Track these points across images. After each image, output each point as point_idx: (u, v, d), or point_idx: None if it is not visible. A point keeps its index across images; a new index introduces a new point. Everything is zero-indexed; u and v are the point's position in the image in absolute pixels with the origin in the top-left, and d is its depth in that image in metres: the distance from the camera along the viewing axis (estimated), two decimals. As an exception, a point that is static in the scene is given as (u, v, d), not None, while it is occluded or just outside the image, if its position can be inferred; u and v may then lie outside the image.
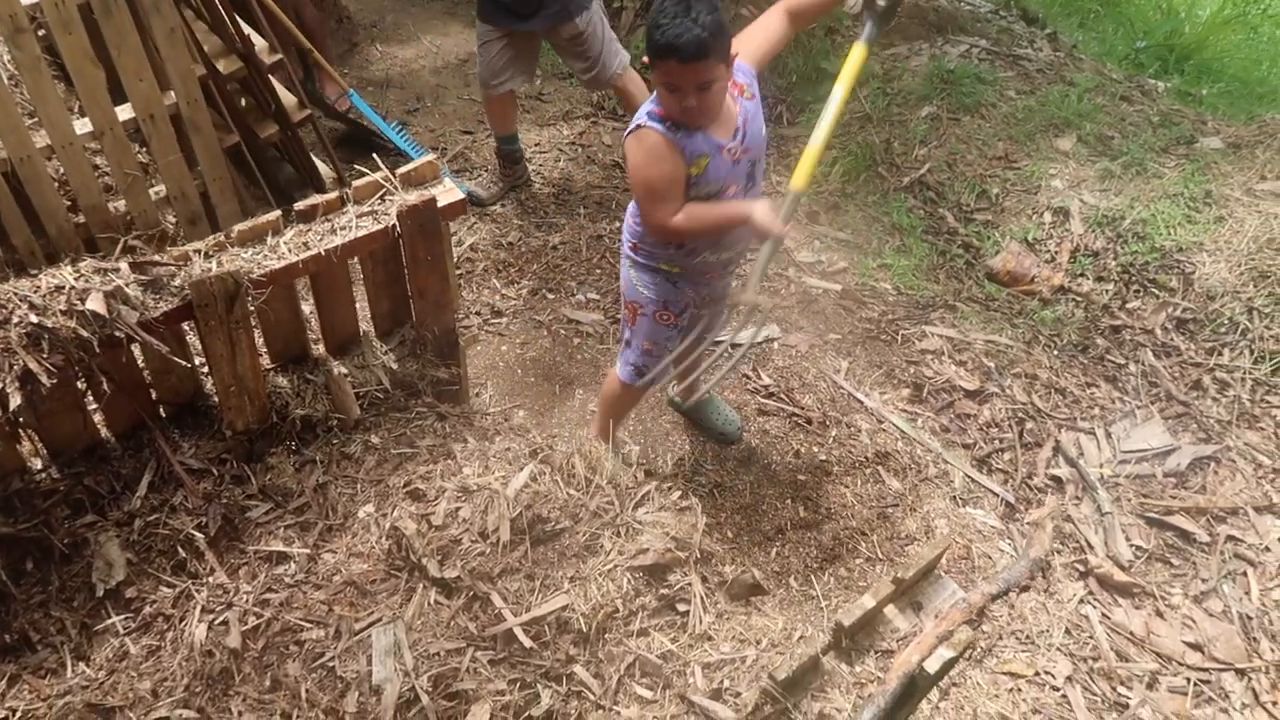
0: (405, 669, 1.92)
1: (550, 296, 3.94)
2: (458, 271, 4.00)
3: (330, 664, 1.97)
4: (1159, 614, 2.88)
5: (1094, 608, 2.86)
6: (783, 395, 3.60)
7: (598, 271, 4.06)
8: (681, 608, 2.13)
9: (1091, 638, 2.78)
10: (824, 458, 3.39)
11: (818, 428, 3.48)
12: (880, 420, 3.54)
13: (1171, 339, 3.75)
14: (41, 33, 3.17)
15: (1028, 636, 2.76)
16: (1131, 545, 3.07)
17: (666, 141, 2.31)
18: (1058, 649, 2.74)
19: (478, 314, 3.83)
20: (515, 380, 3.62)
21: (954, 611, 1.32)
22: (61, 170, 3.19)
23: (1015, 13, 6.84)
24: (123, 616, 2.03)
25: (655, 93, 2.34)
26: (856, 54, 2.56)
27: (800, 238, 4.36)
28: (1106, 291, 4.02)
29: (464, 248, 4.10)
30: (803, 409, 3.54)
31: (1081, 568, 2.96)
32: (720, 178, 2.43)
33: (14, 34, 2.81)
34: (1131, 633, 2.81)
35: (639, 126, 2.34)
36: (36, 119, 3.09)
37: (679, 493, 2.90)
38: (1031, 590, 2.73)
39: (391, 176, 2.19)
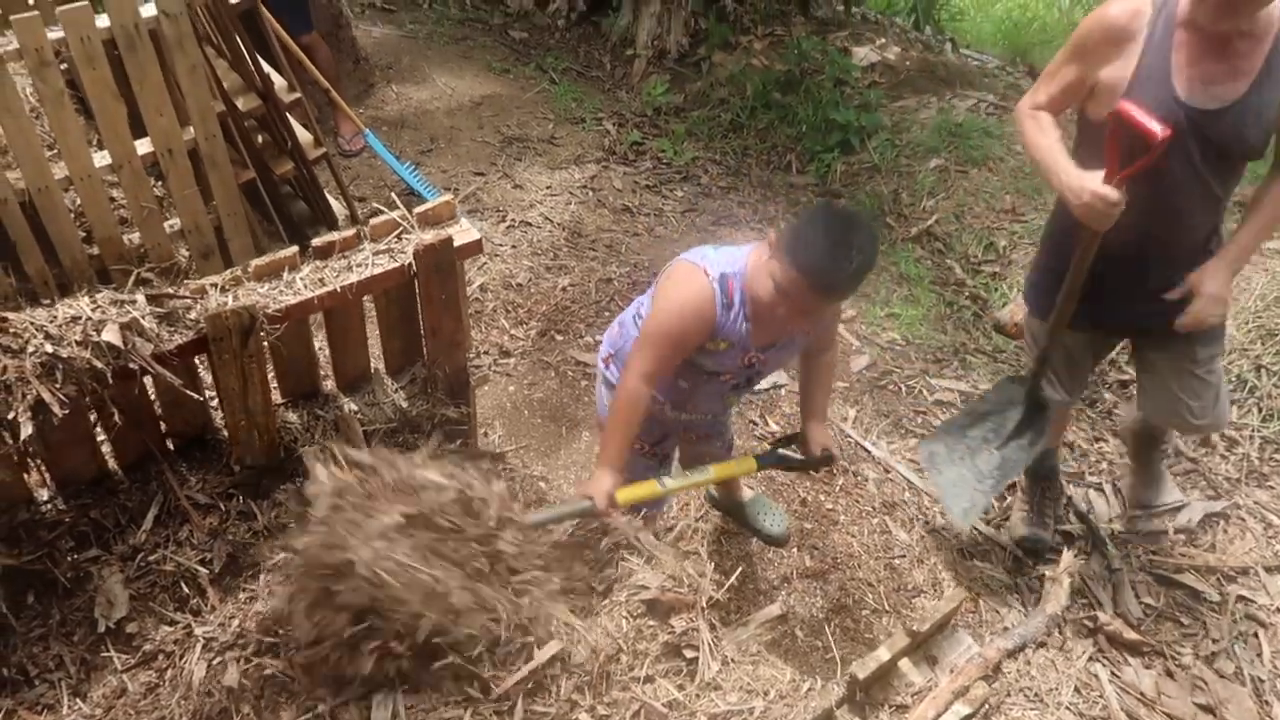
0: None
1: (559, 338, 3.95)
2: (468, 311, 4.01)
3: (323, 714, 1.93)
4: (1169, 674, 2.84)
5: (1104, 665, 2.82)
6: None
7: (606, 314, 4.06)
8: (689, 654, 2.09)
9: (1101, 697, 2.73)
10: (830, 506, 3.37)
11: (824, 476, 3.46)
12: (887, 470, 3.52)
13: (1180, 395, 3.74)
14: (64, 66, 3.21)
15: (1036, 694, 2.72)
16: (1141, 603, 3.04)
17: (712, 311, 2.18)
18: (1066, 708, 2.70)
19: (486, 354, 3.83)
20: (522, 421, 3.61)
21: (969, 666, 1.29)
22: (78, 201, 3.21)
23: (1022, 68, 6.95)
24: (122, 653, 2.00)
25: (746, 260, 2.21)
26: (745, 464, 2.55)
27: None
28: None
29: (474, 288, 4.11)
30: (810, 457, 3.52)
31: (1090, 624, 2.92)
32: (724, 366, 2.35)
33: (39, 67, 2.84)
34: (1141, 693, 2.76)
35: (706, 275, 2.18)
36: (56, 150, 3.12)
37: (684, 539, 2.88)
38: (1041, 646, 2.69)
39: (409, 215, 2.20)
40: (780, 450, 2.65)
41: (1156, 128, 2.14)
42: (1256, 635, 2.95)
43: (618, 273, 4.29)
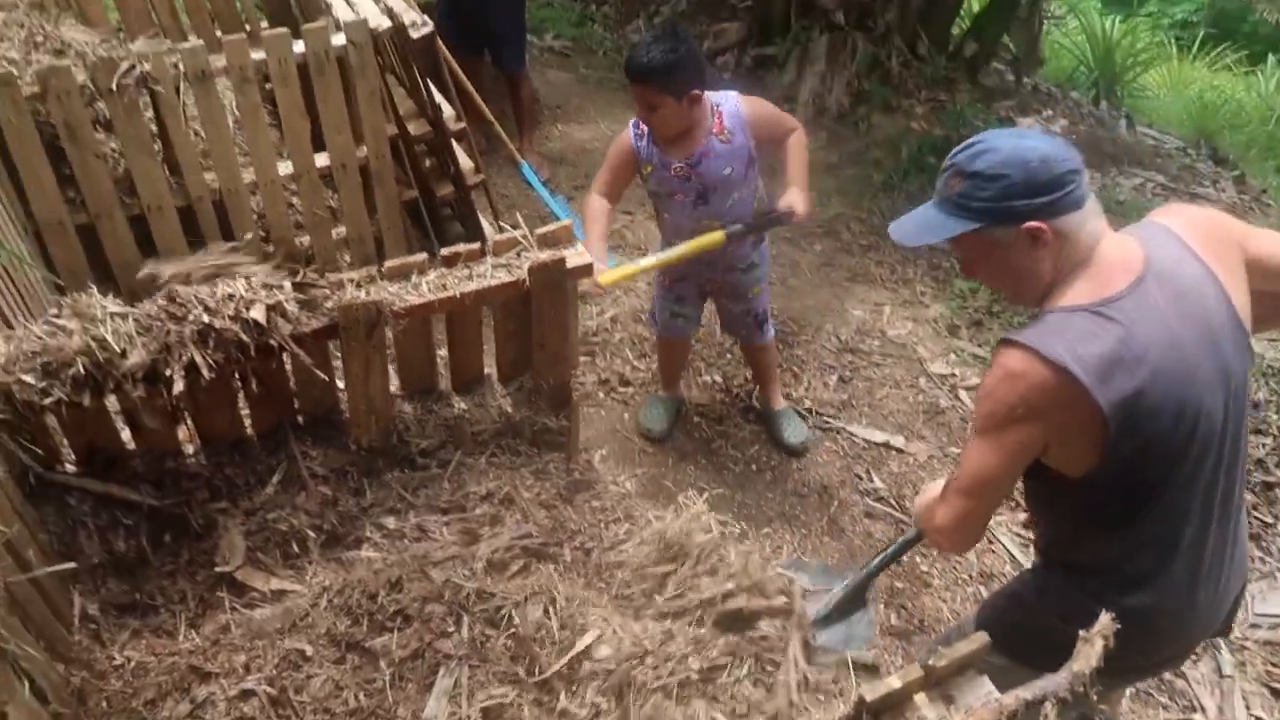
0: (459, 709, 1.98)
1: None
2: (595, 339, 4.21)
3: (403, 673, 2.10)
4: (1271, 793, 2.65)
5: (1196, 772, 2.67)
6: (892, 501, 3.57)
7: (728, 356, 4.17)
8: (770, 669, 2.06)
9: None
10: (925, 569, 3.33)
11: (926, 544, 3.41)
12: (990, 541, 3.45)
13: (1326, 503, 3.50)
14: (269, 85, 3.64)
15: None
16: (1251, 715, 2.85)
17: (629, 145, 3.08)
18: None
19: (606, 381, 4.01)
20: (631, 448, 3.75)
21: (984, 710, 1.30)
22: (261, 204, 3.61)
23: (1204, 152, 6.66)
24: (234, 596, 2.24)
25: None
26: (712, 236, 3.06)
27: (936, 349, 4.35)
28: (1264, 445, 3.80)
29: (605, 318, 4.31)
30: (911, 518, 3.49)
31: (1189, 728, 2.78)
32: (665, 185, 3.08)
33: (241, 83, 3.25)
34: (1236, 807, 2.59)
35: (630, 123, 3.08)
36: (248, 157, 3.53)
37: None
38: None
39: (529, 235, 2.39)
40: (743, 223, 3.13)
41: None
42: (1379, 767, 2.71)
43: (744, 317, 4.39)
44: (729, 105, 3.04)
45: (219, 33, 4.37)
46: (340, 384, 2.44)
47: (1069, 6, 9.28)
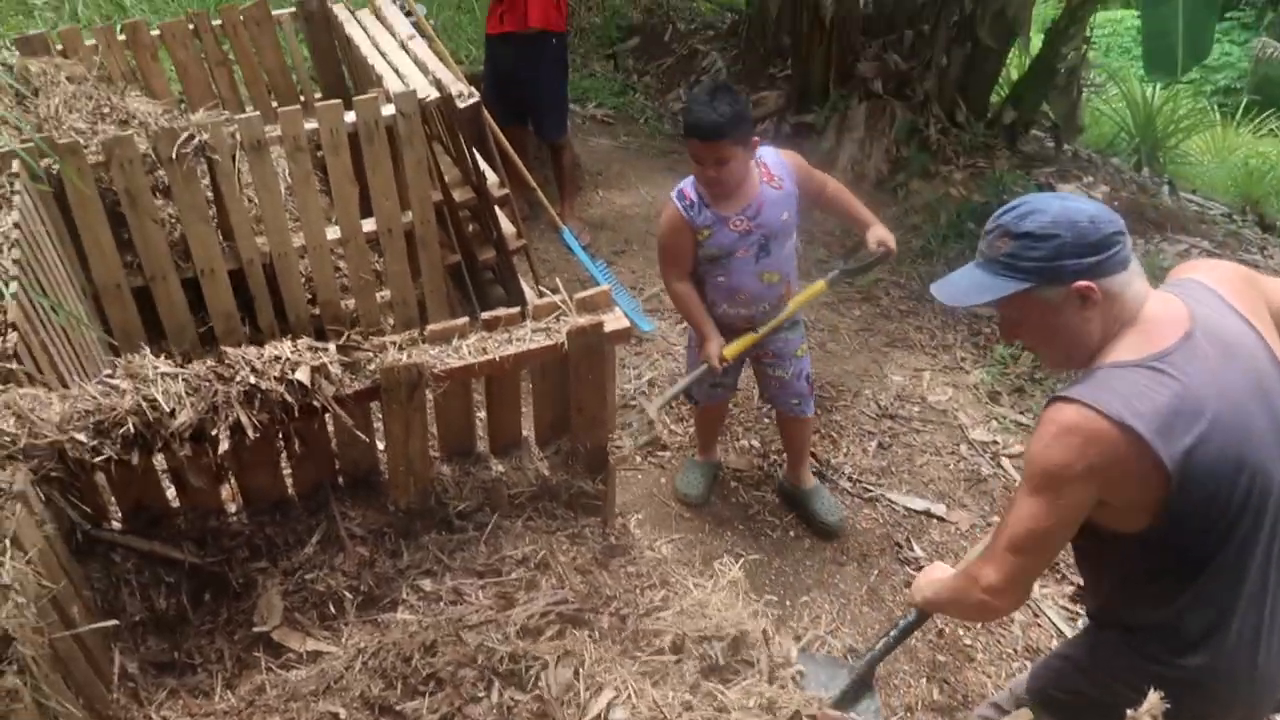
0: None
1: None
2: (633, 402, 4.22)
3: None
4: None
5: None
6: (934, 570, 3.50)
7: (765, 421, 4.16)
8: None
9: None
10: (969, 642, 3.25)
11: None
12: (1037, 614, 3.36)
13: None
14: (321, 153, 3.76)
15: None
16: (1316, 803, 2.72)
17: (681, 218, 3.02)
18: None
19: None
20: (668, 513, 3.73)
21: (1029, 787, 1.28)
22: (309, 267, 3.71)
23: (1250, 218, 6.60)
24: (269, 657, 2.25)
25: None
26: (815, 286, 3.20)
27: (977, 416, 4.30)
28: None
29: (642, 381, 4.33)
30: (952, 587, 3.42)
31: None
32: (726, 244, 3.03)
33: (294, 151, 3.37)
34: None
35: (671, 199, 3.05)
36: (298, 222, 3.63)
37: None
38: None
39: (568, 299, 2.43)
40: (843, 265, 3.29)
41: None
42: None
43: (783, 381, 4.38)
44: (770, 155, 3.09)
45: (275, 103, 4.55)
46: (380, 445, 2.47)
47: (1108, 74, 9.32)
